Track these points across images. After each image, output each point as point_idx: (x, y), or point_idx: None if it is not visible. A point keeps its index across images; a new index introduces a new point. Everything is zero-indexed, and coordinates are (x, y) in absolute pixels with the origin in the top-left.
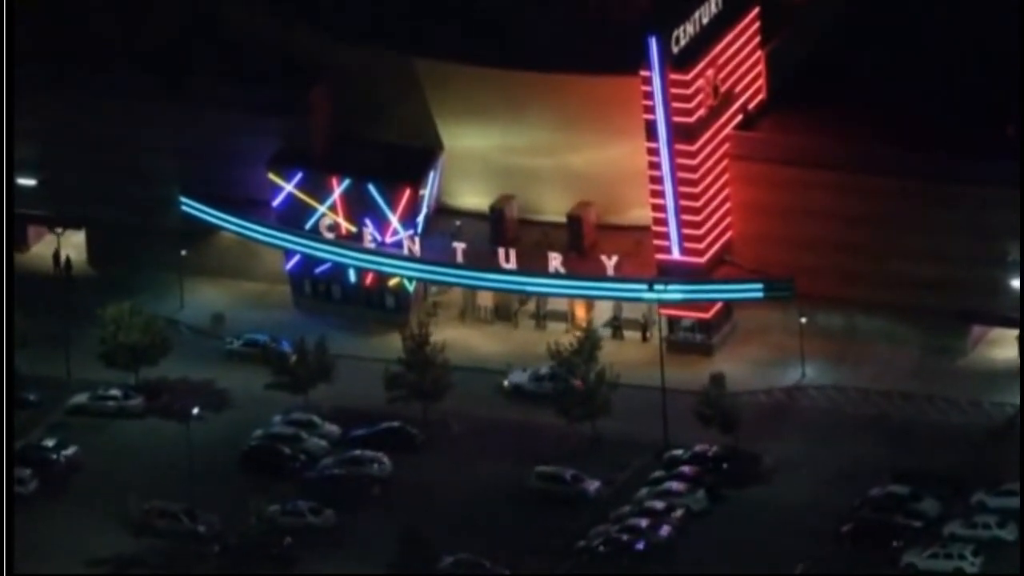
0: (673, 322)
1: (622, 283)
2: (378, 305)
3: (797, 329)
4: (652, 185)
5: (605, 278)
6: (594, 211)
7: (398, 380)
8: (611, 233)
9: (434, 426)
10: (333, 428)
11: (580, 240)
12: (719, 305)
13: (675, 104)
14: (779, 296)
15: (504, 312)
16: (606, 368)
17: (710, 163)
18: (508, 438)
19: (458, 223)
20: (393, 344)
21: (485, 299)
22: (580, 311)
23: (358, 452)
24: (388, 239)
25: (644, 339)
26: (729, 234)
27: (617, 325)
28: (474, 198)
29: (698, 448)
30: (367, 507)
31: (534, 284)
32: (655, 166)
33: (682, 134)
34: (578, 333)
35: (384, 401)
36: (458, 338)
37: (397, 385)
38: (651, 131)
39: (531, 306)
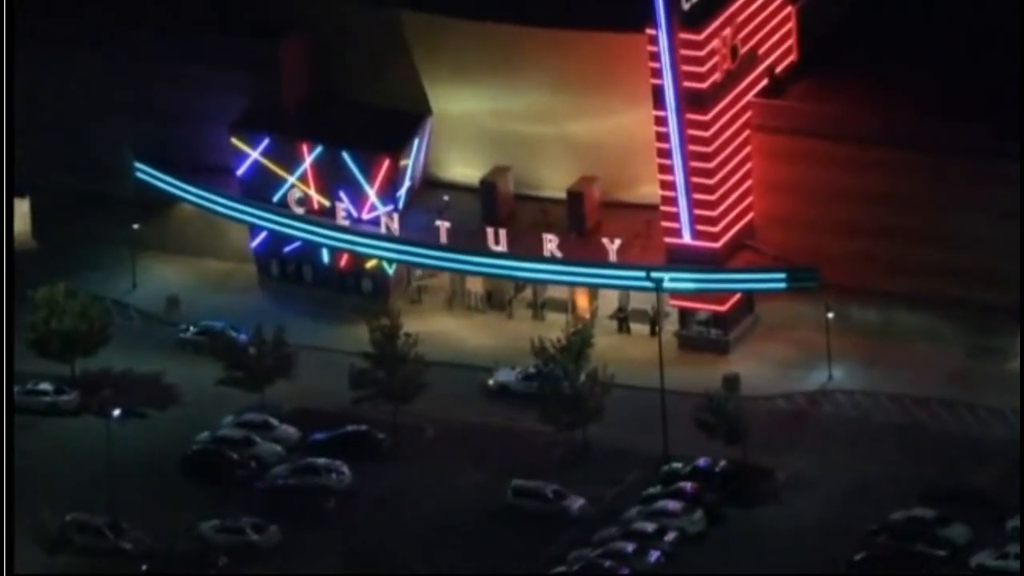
0: (686, 315)
1: (620, 270)
2: (354, 290)
3: (826, 325)
4: (660, 159)
5: (601, 264)
6: (598, 187)
7: (364, 377)
8: (618, 212)
9: (405, 431)
10: (291, 431)
11: (581, 220)
12: (737, 297)
13: (685, 67)
14: (803, 287)
15: (497, 300)
16: (599, 368)
17: (727, 134)
18: (488, 446)
19: (446, 198)
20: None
21: (476, 285)
22: (582, 301)
23: (313, 460)
24: (365, 215)
25: (653, 333)
26: (750, 216)
27: (623, 317)
28: (465, 170)
29: (700, 461)
30: (319, 524)
31: (525, 269)
32: (663, 137)
33: (693, 101)
34: (579, 325)
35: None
36: (443, 329)
37: (363, 383)
38: (658, 97)
39: (528, 294)
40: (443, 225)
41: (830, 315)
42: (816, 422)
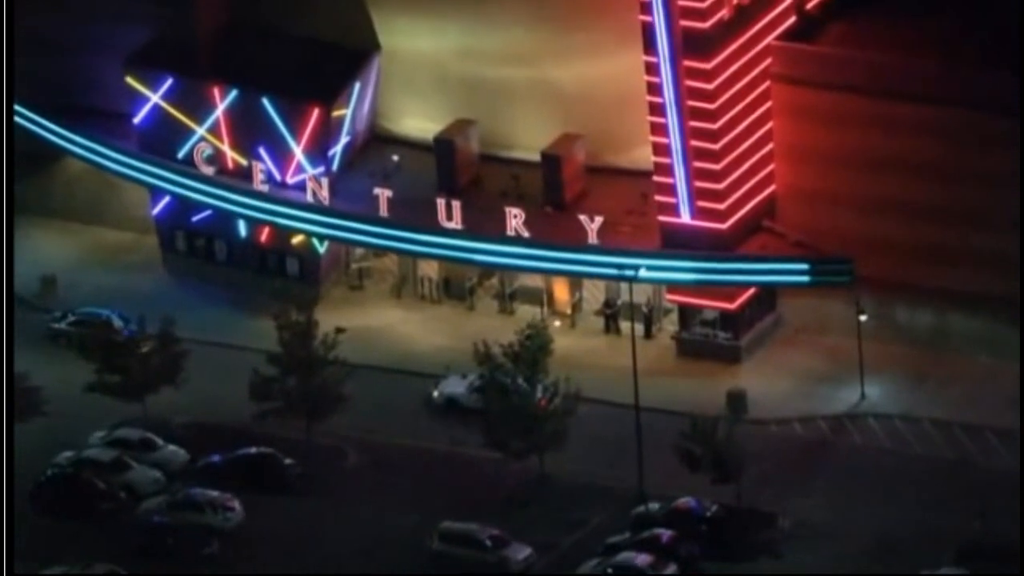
0: (687, 314)
1: (591, 255)
2: (277, 271)
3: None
4: (652, 117)
5: (569, 248)
6: (584, 148)
7: (269, 387)
8: (608, 180)
9: (320, 455)
10: (178, 452)
11: (559, 190)
12: (750, 293)
13: (683, 2)
14: (831, 282)
15: (457, 288)
16: (562, 379)
17: (738, 87)
18: (425, 477)
19: (395, 159)
20: None
21: (431, 269)
22: (561, 292)
23: (195, 492)
24: (289, 178)
25: (648, 335)
26: (768, 191)
27: (610, 314)
28: (419, 123)
29: (681, 502)
30: (196, 573)
31: (480, 252)
32: (655, 90)
33: (693, 44)
34: (557, 322)
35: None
36: (388, 323)
37: (267, 394)
38: (649, 39)
39: (497, 282)
40: (383, 194)
41: (863, 317)
42: (839, 454)
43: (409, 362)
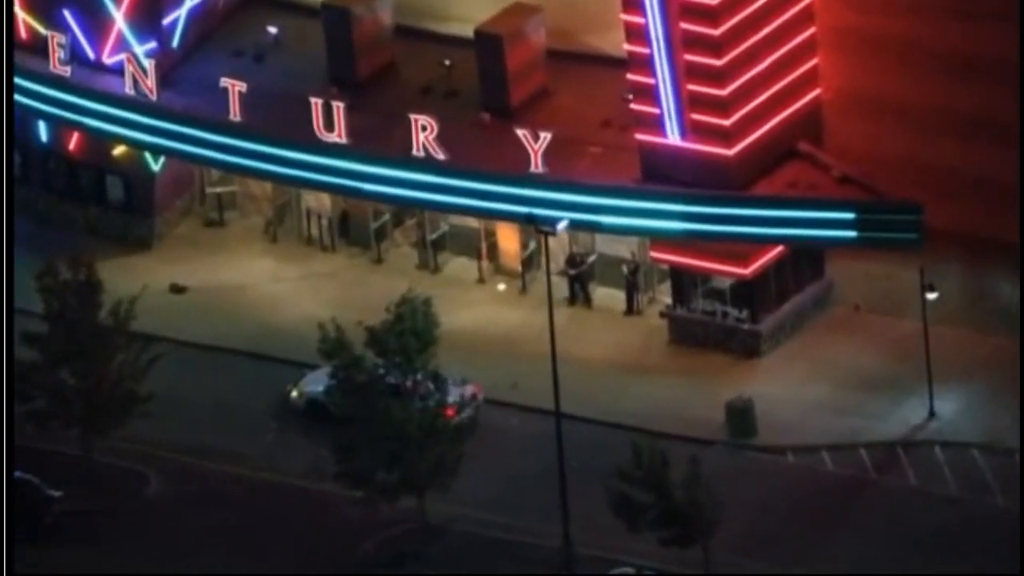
0: (683, 281)
1: (519, 188)
2: (94, 196)
3: (937, 311)
4: None
5: (482, 176)
6: (541, 25)
7: (34, 378)
8: (579, 75)
9: (110, 481)
10: None
11: (501, 87)
12: (774, 252)
13: None
14: (888, 240)
15: (359, 231)
16: (456, 378)
17: None
18: (257, 518)
19: (272, 31)
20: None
21: (322, 201)
22: (508, 240)
23: None
24: (107, 58)
25: (630, 310)
26: (808, 98)
27: (576, 275)
28: None
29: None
30: None
31: (368, 179)
32: None
33: None
34: (502, 285)
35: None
36: (253, 280)
37: (31, 389)
38: None
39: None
40: (234, 88)
41: (932, 295)
42: (881, 503)
43: (272, 341)
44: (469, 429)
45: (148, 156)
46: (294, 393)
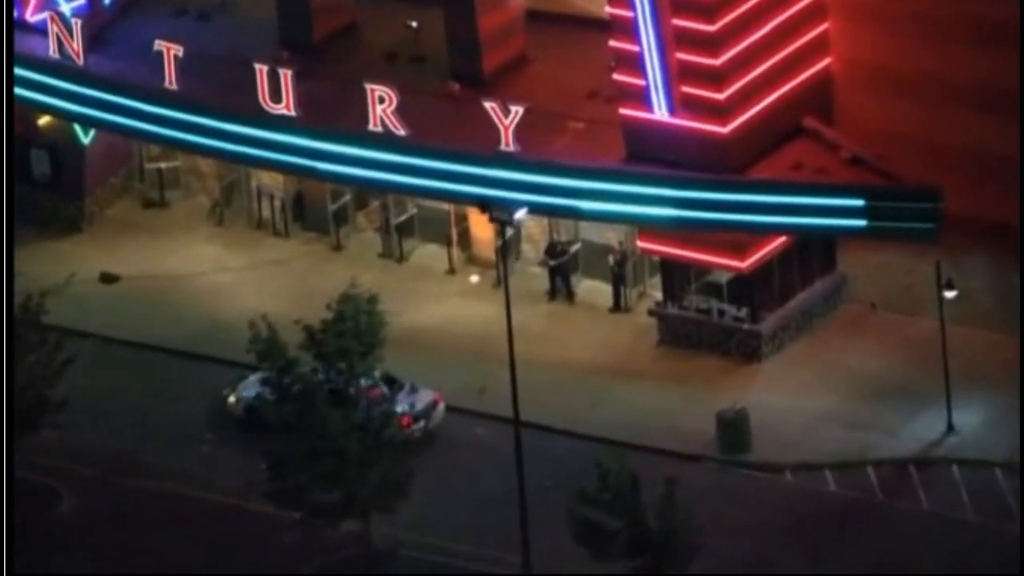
0: (673, 274)
1: (485, 167)
2: (17, 173)
3: (960, 310)
4: None
5: (437, 153)
6: None
7: None
8: (564, 40)
9: (17, 497)
10: None
11: (473, 52)
12: (775, 244)
13: None
14: (902, 230)
15: (315, 214)
16: (406, 386)
17: None
18: (184, 542)
19: None
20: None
21: (275, 180)
22: (481, 229)
23: None
24: (31, 16)
25: (617, 307)
26: (816, 68)
27: (556, 266)
28: None
29: None
30: None
31: (322, 157)
32: None
33: None
34: (474, 276)
35: None
36: (195, 270)
37: None
38: None
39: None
40: (169, 51)
41: (950, 294)
42: (888, 530)
43: (213, 339)
44: (426, 442)
45: (79, 130)
46: (232, 398)
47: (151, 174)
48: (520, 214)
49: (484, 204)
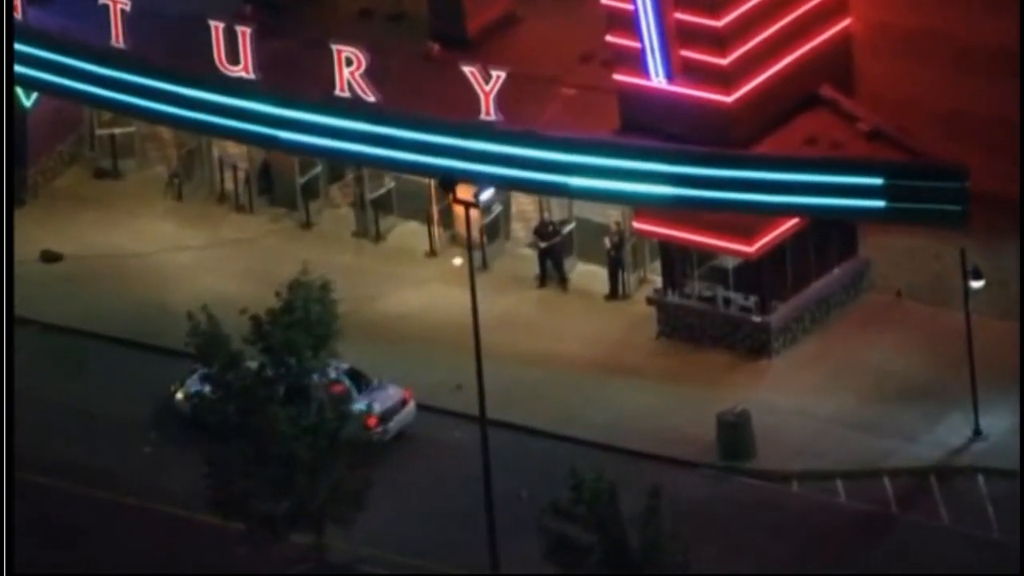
0: (672, 259)
1: (461, 138)
2: None
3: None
4: None
5: (412, 122)
6: None
7: None
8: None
9: None
10: None
11: (457, 9)
12: (785, 227)
13: None
14: (925, 211)
15: (283, 188)
16: (375, 382)
17: None
18: (117, 550)
19: None
20: None
21: (238, 150)
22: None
23: None
24: None
25: (614, 294)
26: (835, 30)
27: (546, 248)
28: None
29: None
30: None
31: (279, 123)
32: None
33: None
34: (457, 259)
35: None
36: (146, 249)
37: None
38: None
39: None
40: (116, 4)
41: (977, 284)
42: (905, 549)
43: (164, 327)
44: (393, 445)
45: (20, 93)
46: (179, 394)
47: (103, 141)
48: (487, 195)
49: (447, 182)
